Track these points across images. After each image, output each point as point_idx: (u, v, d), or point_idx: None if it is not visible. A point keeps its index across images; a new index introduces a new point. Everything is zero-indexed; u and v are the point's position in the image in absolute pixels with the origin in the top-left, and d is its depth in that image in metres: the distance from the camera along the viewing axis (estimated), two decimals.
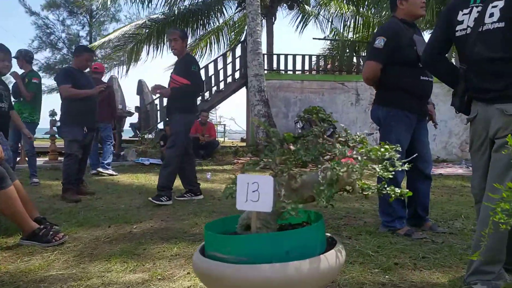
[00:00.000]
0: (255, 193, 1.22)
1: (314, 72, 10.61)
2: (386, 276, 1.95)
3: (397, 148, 1.40)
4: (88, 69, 5.04)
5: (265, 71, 9.84)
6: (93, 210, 3.53)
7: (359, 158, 1.30)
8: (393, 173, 1.35)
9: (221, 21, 13.53)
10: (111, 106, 6.03)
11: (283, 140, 1.38)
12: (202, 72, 9.58)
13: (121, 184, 5.21)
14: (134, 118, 12.17)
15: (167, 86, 4.06)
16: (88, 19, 23.39)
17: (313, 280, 1.20)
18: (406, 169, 1.40)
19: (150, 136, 9.20)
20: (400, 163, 1.33)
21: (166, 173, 3.85)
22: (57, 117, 5.92)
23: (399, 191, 1.39)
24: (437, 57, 1.99)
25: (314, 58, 10.93)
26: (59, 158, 6.75)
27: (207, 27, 13.04)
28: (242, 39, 10.66)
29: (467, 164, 8.12)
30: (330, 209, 3.58)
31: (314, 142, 1.35)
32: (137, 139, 9.45)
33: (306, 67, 10.49)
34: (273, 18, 11.63)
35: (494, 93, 1.75)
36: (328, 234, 1.47)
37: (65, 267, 2.13)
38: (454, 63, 2.04)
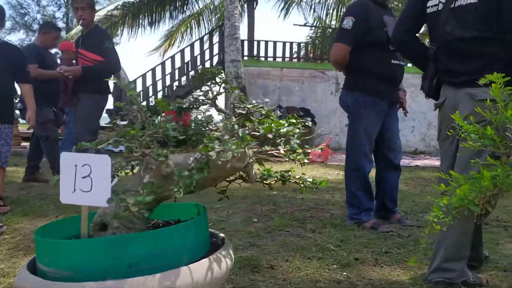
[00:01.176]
0: (86, 179, 0.90)
1: (295, 60, 10.40)
2: (344, 273, 1.81)
3: (307, 124, 1.18)
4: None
5: (245, 57, 9.60)
6: (44, 199, 3.28)
7: (240, 134, 1.02)
8: (309, 157, 1.15)
9: (201, 4, 13.16)
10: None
11: (154, 109, 1.09)
12: (178, 56, 9.30)
13: None
14: (110, 104, 11.79)
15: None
16: (65, 0, 22.53)
17: None
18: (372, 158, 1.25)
19: (122, 122, 8.87)
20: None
21: None
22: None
23: (310, 180, 1.18)
24: (406, 35, 1.82)
25: (295, 46, 10.71)
26: (23, 144, 6.40)
27: (186, 11, 12.65)
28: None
29: None
30: (299, 200, 3.44)
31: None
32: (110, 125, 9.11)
33: (287, 55, 10.28)
34: (255, 2, 11.32)
35: (465, 77, 1.60)
36: (222, 235, 1.20)
37: None
38: (426, 44, 1.87)
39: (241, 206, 3.13)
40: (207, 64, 9.22)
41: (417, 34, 1.87)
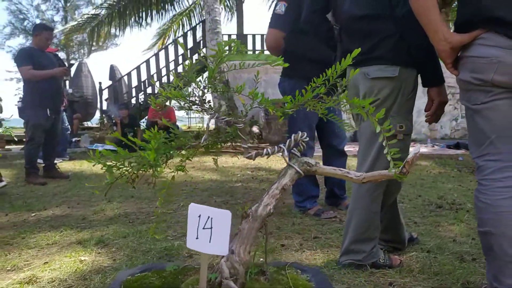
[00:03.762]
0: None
1: None
2: (261, 259, 1.80)
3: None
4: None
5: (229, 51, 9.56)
6: (3, 197, 3.32)
7: None
8: None
9: (190, 1, 13.15)
10: None
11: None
12: (162, 53, 9.30)
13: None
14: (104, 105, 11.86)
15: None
16: (63, 4, 22.67)
17: None
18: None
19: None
20: None
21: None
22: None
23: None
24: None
25: None
26: (7, 147, 6.49)
27: (175, 8, 12.66)
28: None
29: (432, 143, 8.04)
30: (259, 191, 3.43)
31: None
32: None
33: None
34: None
35: (360, 56, 1.57)
36: None
37: None
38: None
39: (196, 199, 3.13)
40: (187, 63, 9.19)
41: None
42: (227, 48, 1.04)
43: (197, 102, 1.01)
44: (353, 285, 1.49)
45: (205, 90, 0.97)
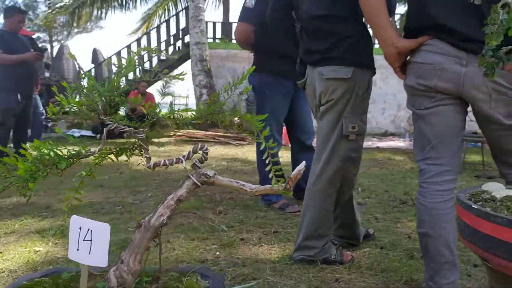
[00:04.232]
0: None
1: None
2: (217, 253, 1.83)
3: None
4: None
5: (214, 40, 9.48)
6: None
7: None
8: None
9: None
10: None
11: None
12: (144, 39, 9.14)
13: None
14: None
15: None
16: None
17: None
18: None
19: None
20: None
21: None
22: None
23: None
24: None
25: None
26: None
27: None
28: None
29: (410, 138, 8.17)
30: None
31: None
32: None
33: None
34: None
35: (318, 55, 1.59)
36: None
37: None
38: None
39: (165, 189, 3.13)
40: (171, 48, 9.10)
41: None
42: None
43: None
44: (300, 281, 1.52)
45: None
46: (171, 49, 9.27)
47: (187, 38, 9.16)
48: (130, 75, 9.06)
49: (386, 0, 1.29)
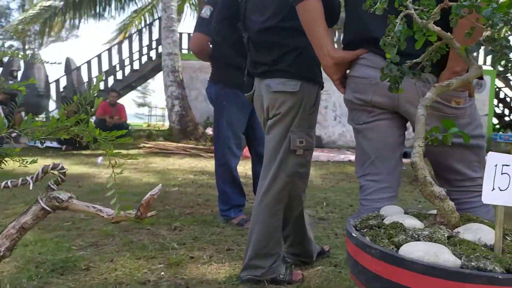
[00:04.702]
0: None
1: None
2: (162, 273, 1.73)
3: None
4: None
5: (189, 51, 9.41)
6: None
7: None
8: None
9: None
10: None
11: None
12: (115, 49, 9.00)
13: None
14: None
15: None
16: None
17: None
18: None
19: None
20: None
21: None
22: None
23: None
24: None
25: None
26: None
27: (137, 3, 12.32)
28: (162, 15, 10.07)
29: None
30: (193, 196, 3.34)
31: None
32: None
33: None
34: None
35: (264, 67, 1.54)
36: None
37: None
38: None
39: (122, 204, 2.99)
40: (145, 58, 8.98)
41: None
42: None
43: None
44: None
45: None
46: (144, 59, 9.14)
47: (160, 49, 9.08)
48: (101, 85, 8.88)
49: (330, 7, 1.26)
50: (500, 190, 0.58)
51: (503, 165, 0.58)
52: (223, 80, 2.40)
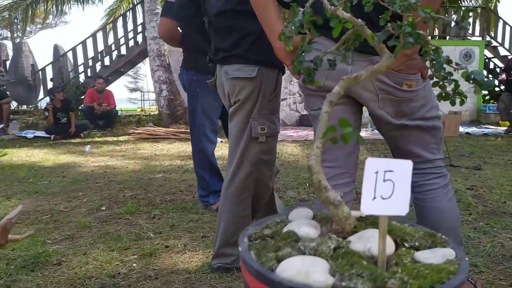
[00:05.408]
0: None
1: None
2: (134, 264, 1.73)
3: None
4: None
5: None
6: None
7: None
8: None
9: None
10: None
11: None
12: (100, 35, 8.81)
13: None
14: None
15: None
16: None
17: None
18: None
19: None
20: None
21: None
22: None
23: None
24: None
25: None
26: None
27: None
28: None
29: (372, 128, 8.25)
30: (175, 183, 3.33)
31: None
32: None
33: None
34: None
35: (223, 53, 1.50)
36: None
37: None
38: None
39: (105, 193, 2.99)
40: (131, 43, 8.81)
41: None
42: None
43: None
44: None
45: None
46: (131, 43, 8.97)
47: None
48: (88, 72, 8.74)
49: None
50: (383, 198, 0.55)
51: (385, 171, 0.55)
52: (195, 66, 2.34)
